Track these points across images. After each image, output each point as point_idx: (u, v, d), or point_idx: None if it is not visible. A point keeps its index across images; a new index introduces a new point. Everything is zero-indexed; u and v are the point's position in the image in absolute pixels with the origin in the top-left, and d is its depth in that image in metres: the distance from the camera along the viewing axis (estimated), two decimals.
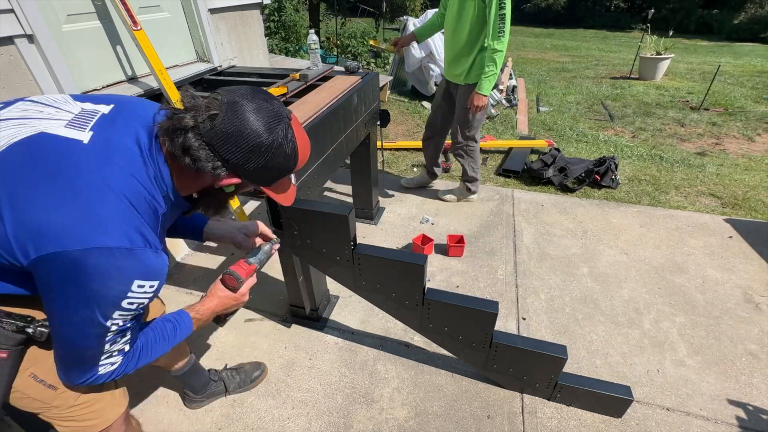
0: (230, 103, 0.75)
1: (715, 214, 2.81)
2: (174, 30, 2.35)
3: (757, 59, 8.98)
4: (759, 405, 1.59)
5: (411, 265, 1.42)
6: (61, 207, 0.68)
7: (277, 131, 0.78)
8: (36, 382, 0.88)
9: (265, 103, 0.78)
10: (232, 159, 0.76)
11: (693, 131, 4.46)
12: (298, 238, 1.55)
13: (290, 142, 0.81)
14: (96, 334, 0.76)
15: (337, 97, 1.89)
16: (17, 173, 0.69)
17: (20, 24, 1.53)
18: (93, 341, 0.77)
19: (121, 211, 0.72)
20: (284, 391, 1.66)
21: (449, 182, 3.29)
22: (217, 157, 0.76)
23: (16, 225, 0.67)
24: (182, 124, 0.74)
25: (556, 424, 1.53)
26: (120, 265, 0.71)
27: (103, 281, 0.71)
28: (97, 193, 0.70)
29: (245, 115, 0.75)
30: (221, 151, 0.76)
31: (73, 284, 0.70)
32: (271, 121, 0.78)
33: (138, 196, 0.75)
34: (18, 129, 0.72)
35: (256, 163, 0.79)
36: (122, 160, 0.75)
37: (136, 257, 0.73)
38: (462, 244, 2.40)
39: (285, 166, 0.84)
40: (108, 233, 0.70)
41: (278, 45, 6.41)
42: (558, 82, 6.71)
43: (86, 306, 0.72)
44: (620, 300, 2.09)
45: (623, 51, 10.10)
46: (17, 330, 0.81)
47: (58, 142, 0.72)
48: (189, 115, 0.74)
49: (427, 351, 1.83)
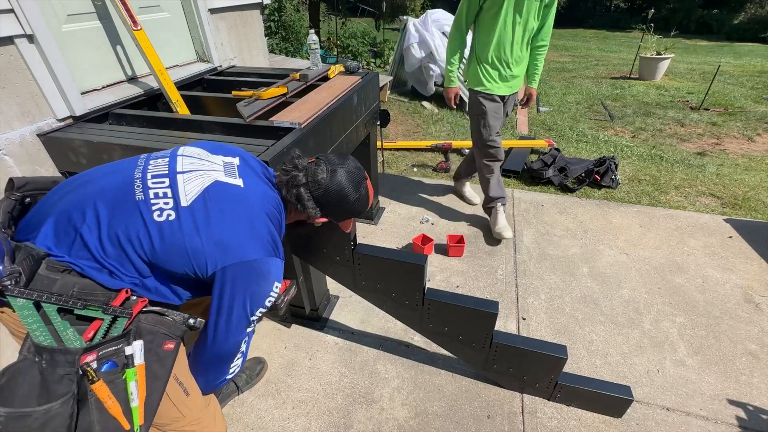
0: (331, 171, 1.07)
1: (715, 214, 2.81)
2: (174, 30, 2.35)
3: (757, 59, 8.98)
4: (759, 405, 1.59)
5: (411, 265, 1.42)
6: (241, 230, 0.94)
7: (360, 190, 1.12)
8: (176, 384, 0.98)
9: (354, 168, 1.11)
10: (326, 207, 1.10)
11: (693, 131, 4.46)
12: (297, 237, 1.55)
13: (366, 197, 1.15)
14: (245, 331, 1.00)
15: (337, 97, 1.89)
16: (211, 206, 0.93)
17: (20, 24, 1.53)
18: (241, 336, 1.00)
19: (272, 233, 1.00)
20: (284, 391, 1.66)
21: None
22: (318, 206, 1.09)
23: (209, 241, 0.90)
24: (297, 181, 1.06)
25: (556, 424, 1.53)
26: (272, 270, 0.98)
27: (261, 282, 0.96)
28: (260, 219, 0.98)
29: (342, 179, 1.08)
30: (321, 203, 1.09)
31: (243, 285, 0.93)
32: (358, 182, 1.11)
33: (277, 222, 1.04)
34: (202, 180, 0.95)
35: (342, 211, 1.13)
36: (266, 198, 1.03)
37: (277, 265, 1.00)
38: (462, 244, 2.40)
39: (358, 211, 1.17)
40: (268, 249, 0.98)
41: (278, 45, 6.41)
42: (558, 82, 6.71)
43: (247, 301, 0.95)
44: (620, 300, 2.09)
45: (623, 51, 10.10)
46: (183, 321, 0.92)
47: (228, 187, 0.97)
48: (301, 174, 1.06)
49: (427, 351, 1.83)
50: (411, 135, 4.31)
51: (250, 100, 1.78)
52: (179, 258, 0.90)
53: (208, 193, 0.94)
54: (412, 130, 4.43)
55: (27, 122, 1.65)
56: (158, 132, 1.69)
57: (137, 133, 1.68)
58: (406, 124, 4.60)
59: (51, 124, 1.72)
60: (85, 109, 1.80)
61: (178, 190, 0.93)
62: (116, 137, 1.63)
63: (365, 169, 1.13)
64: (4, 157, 1.59)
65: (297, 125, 1.58)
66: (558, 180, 3.14)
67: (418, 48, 4.93)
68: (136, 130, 1.73)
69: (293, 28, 6.71)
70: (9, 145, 1.59)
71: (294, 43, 6.66)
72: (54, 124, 1.73)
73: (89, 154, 1.66)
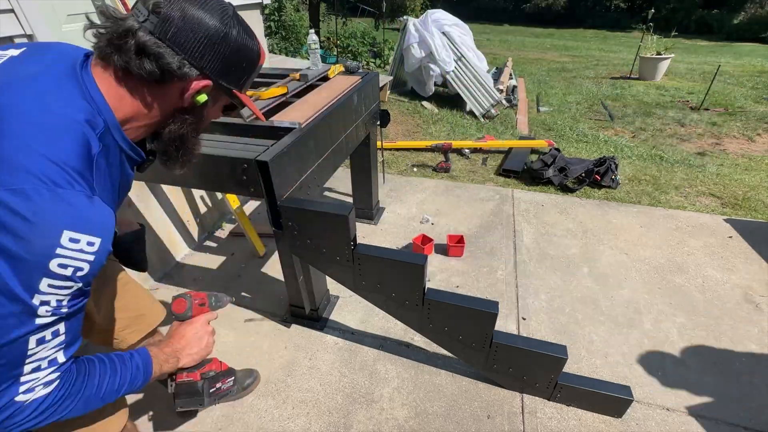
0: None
1: (715, 214, 2.81)
2: None
3: (757, 59, 8.98)
4: (759, 405, 1.59)
5: (411, 265, 1.42)
6: None
7: (228, 15, 0.69)
8: None
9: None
10: (194, 52, 0.66)
11: (693, 131, 4.46)
12: (298, 238, 1.55)
13: (246, 28, 0.73)
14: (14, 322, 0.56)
15: (337, 97, 1.89)
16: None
17: (20, 24, 1.53)
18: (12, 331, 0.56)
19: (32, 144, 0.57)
20: (284, 391, 1.66)
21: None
22: (180, 53, 0.65)
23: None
24: (125, 26, 0.63)
25: (556, 424, 1.53)
26: (39, 208, 0.55)
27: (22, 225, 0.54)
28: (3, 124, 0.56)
29: (192, 4, 0.66)
30: (181, 45, 0.65)
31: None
32: (219, 6, 0.69)
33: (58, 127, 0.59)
34: None
35: (221, 53, 0.69)
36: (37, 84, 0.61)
37: (60, 199, 0.57)
38: (462, 244, 2.40)
39: (250, 53, 0.74)
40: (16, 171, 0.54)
41: (278, 45, 6.41)
42: (558, 82, 6.71)
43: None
44: (620, 300, 2.09)
45: (623, 51, 10.10)
46: None
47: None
48: (129, 19, 0.64)
49: (427, 351, 1.83)
50: (411, 135, 4.31)
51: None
52: None
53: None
54: (412, 130, 4.44)
55: None
56: None
57: None
58: (406, 124, 4.60)
59: None
60: None
61: None
62: None
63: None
64: None
65: (297, 125, 1.58)
66: (558, 180, 3.14)
67: (418, 48, 4.92)
68: None
69: (293, 28, 6.71)
70: None
71: (294, 43, 6.66)
72: None
73: None
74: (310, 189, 1.67)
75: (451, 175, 3.44)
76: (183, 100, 0.71)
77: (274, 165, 1.37)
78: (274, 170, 1.38)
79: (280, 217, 1.51)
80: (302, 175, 1.60)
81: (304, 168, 1.61)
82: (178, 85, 0.68)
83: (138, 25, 0.64)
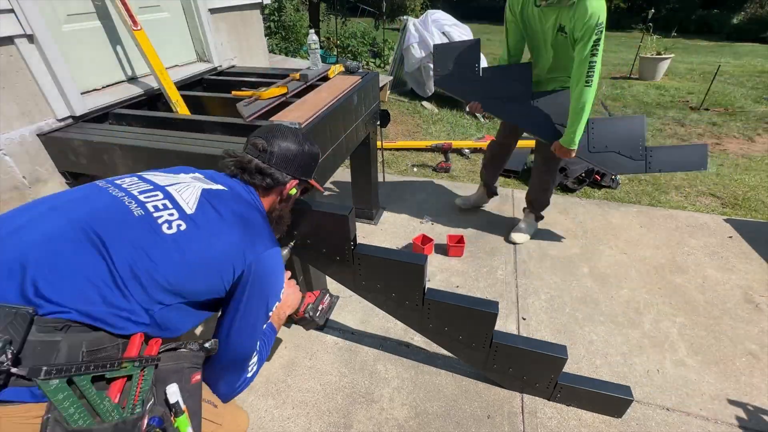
0: (265, 138, 1.07)
1: (715, 214, 2.81)
2: (174, 30, 2.35)
3: (757, 59, 8.97)
4: (759, 405, 1.59)
5: (411, 265, 1.42)
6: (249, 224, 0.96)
7: (300, 138, 1.11)
8: (206, 403, 0.91)
9: (283, 127, 1.12)
10: (287, 166, 1.08)
11: (693, 131, 4.46)
12: (298, 237, 1.55)
13: (310, 140, 1.15)
14: (261, 328, 0.98)
15: (337, 97, 1.89)
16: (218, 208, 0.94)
17: (20, 24, 1.53)
18: (257, 334, 0.97)
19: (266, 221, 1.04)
20: (284, 391, 1.66)
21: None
22: (279, 168, 1.07)
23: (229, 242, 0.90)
24: (246, 159, 1.05)
25: (556, 424, 1.53)
26: (280, 260, 1.01)
27: (277, 273, 1.00)
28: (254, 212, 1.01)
29: (280, 139, 1.08)
30: (279, 164, 1.07)
31: (262, 280, 0.94)
32: (294, 134, 1.11)
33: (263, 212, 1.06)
34: (190, 190, 0.94)
35: (300, 162, 1.10)
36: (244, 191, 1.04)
37: (280, 254, 1.02)
38: (462, 244, 2.40)
39: (316, 155, 1.16)
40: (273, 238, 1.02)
41: (278, 45, 6.41)
42: None
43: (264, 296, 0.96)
44: (620, 300, 2.09)
45: (623, 51, 10.09)
46: (200, 348, 0.86)
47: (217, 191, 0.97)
48: (245, 155, 1.06)
49: (427, 351, 1.83)
50: (411, 135, 4.31)
51: (250, 100, 1.78)
52: (203, 270, 0.85)
53: (204, 197, 0.92)
54: (412, 130, 4.43)
55: (27, 122, 1.65)
56: (158, 132, 1.68)
57: (137, 133, 1.68)
58: (406, 124, 4.60)
59: (51, 124, 1.72)
60: (85, 109, 1.80)
61: (176, 199, 0.88)
62: (116, 137, 1.63)
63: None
64: (4, 157, 1.59)
65: (297, 125, 1.58)
66: (558, 180, 3.14)
67: (418, 48, 4.92)
68: (136, 130, 1.73)
69: (293, 28, 6.71)
70: (9, 145, 1.60)
71: (294, 43, 6.66)
72: (54, 124, 1.73)
73: (89, 154, 1.66)
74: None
75: (451, 175, 3.44)
76: (283, 195, 1.13)
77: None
78: None
79: None
80: None
81: None
82: (280, 188, 1.10)
83: (251, 156, 1.05)
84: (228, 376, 0.97)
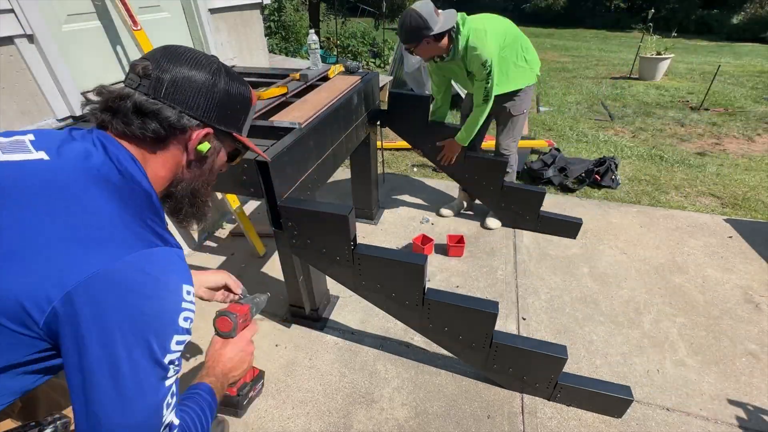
0: (155, 59, 0.68)
1: (715, 214, 2.81)
2: (174, 30, 2.35)
3: (757, 59, 8.98)
4: (759, 405, 1.59)
5: (411, 265, 1.42)
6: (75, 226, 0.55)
7: (213, 68, 0.72)
8: None
9: (185, 48, 0.72)
10: (189, 103, 0.68)
11: (693, 131, 4.46)
12: (297, 238, 1.55)
13: (234, 75, 0.75)
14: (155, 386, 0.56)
15: (337, 97, 1.89)
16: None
17: (20, 24, 1.53)
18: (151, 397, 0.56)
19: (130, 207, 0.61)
20: (284, 391, 1.66)
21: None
22: (173, 104, 0.67)
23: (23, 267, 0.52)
24: (120, 92, 0.66)
25: (556, 424, 1.53)
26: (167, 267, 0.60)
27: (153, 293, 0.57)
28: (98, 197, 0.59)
29: (176, 63, 0.68)
30: (176, 99, 0.67)
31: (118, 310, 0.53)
32: (203, 58, 0.72)
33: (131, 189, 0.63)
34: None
35: (212, 99, 0.70)
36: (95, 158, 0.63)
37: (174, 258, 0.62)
38: (462, 244, 2.40)
39: (242, 95, 0.76)
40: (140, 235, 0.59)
41: (278, 45, 6.41)
42: (558, 82, 6.70)
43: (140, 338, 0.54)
44: (620, 300, 2.09)
45: (623, 51, 10.09)
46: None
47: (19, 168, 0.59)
48: (119, 85, 0.67)
49: (427, 351, 1.83)
50: None
51: None
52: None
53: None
54: None
55: (27, 122, 1.65)
56: None
57: None
58: None
59: (51, 124, 1.72)
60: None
61: None
62: None
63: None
64: None
65: (297, 125, 1.58)
66: (558, 180, 3.14)
67: None
68: None
69: (293, 28, 6.71)
70: None
71: (294, 43, 6.66)
72: (54, 124, 1.73)
73: None
74: (310, 189, 1.67)
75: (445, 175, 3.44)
76: (188, 153, 0.72)
77: (274, 165, 1.37)
78: (274, 170, 1.38)
79: (280, 217, 1.51)
80: (302, 175, 1.60)
81: (304, 168, 1.61)
82: (181, 138, 0.70)
83: (132, 90, 0.66)
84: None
